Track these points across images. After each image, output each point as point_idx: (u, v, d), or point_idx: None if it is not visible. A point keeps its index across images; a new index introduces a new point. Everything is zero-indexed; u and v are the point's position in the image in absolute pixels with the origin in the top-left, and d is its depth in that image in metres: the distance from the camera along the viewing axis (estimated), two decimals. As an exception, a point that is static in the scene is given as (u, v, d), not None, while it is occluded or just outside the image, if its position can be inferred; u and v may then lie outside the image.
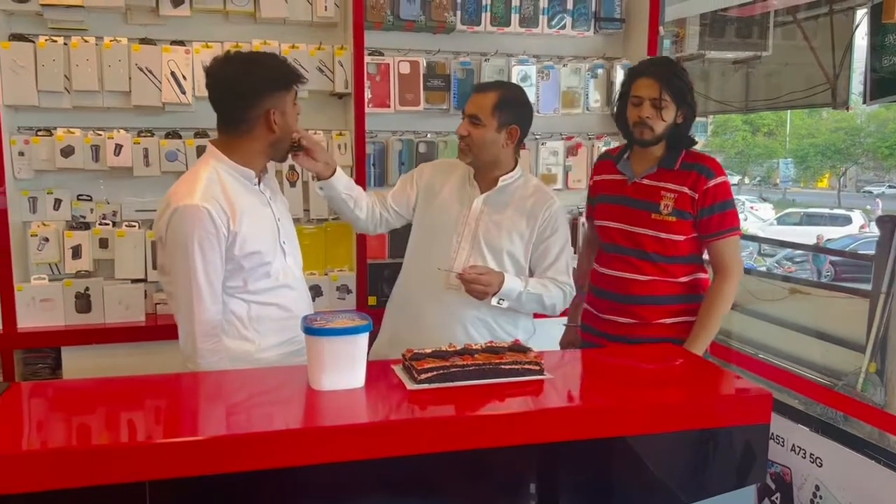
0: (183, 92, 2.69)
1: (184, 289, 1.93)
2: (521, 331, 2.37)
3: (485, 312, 2.31)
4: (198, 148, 2.71)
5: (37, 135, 2.65)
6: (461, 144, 2.31)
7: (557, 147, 3.18)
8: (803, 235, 14.38)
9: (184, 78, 2.68)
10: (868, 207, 18.12)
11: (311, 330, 1.66)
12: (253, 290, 2.02)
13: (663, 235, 2.33)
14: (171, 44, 2.70)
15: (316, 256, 2.89)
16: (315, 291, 2.81)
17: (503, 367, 1.74)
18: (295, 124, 2.08)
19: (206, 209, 1.90)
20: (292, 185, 2.86)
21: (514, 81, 2.94)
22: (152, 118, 2.76)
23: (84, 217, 2.73)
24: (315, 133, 2.79)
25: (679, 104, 2.31)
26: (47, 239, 2.67)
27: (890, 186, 24.87)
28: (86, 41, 2.62)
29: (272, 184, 2.18)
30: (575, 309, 2.63)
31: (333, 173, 2.23)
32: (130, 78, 2.65)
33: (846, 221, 16.72)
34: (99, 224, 2.73)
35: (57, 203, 2.70)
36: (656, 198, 2.34)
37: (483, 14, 2.99)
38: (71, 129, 2.66)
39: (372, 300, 2.92)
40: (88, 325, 2.67)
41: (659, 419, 1.70)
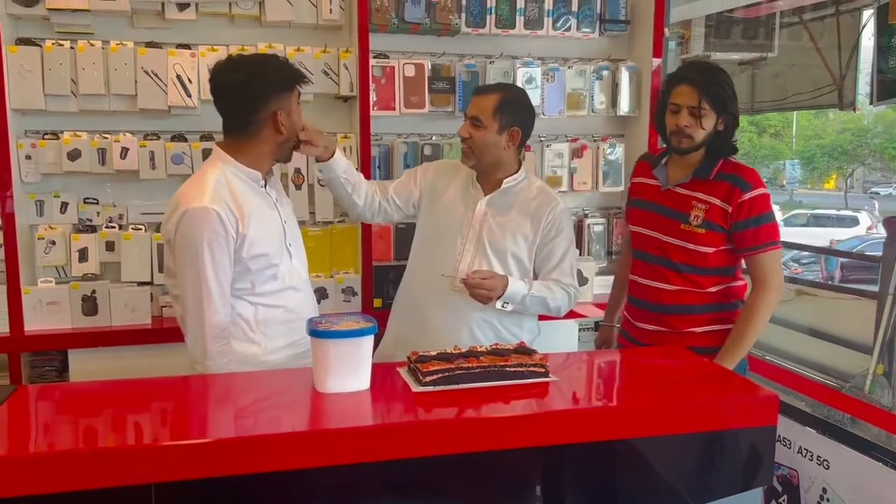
0: (189, 95, 2.70)
1: (193, 291, 1.93)
2: (527, 332, 2.37)
3: (490, 314, 2.31)
4: (203, 151, 2.71)
5: (44, 138, 2.66)
6: (463, 147, 2.31)
7: (563, 149, 3.17)
8: (810, 237, 14.29)
9: (189, 81, 2.69)
10: (866, 209, 17.98)
11: (317, 332, 1.66)
12: (260, 293, 2.02)
13: (691, 247, 2.25)
14: (177, 47, 2.71)
15: (321, 259, 2.89)
16: (321, 294, 2.81)
17: (508, 370, 1.74)
18: (300, 124, 2.10)
19: (216, 211, 1.90)
20: (298, 188, 2.87)
21: (519, 84, 2.94)
22: (158, 121, 2.77)
23: (90, 220, 2.74)
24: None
25: (719, 112, 2.20)
26: (54, 242, 2.68)
27: (897, 187, 24.71)
28: (92, 45, 2.63)
29: (278, 186, 2.19)
30: (612, 308, 2.62)
31: (332, 156, 2.23)
32: (136, 81, 2.66)
33: (853, 223, 16.59)
34: (105, 227, 2.73)
35: (64, 206, 2.71)
36: (687, 208, 2.26)
37: (488, 16, 2.98)
38: (77, 133, 2.67)
39: (377, 302, 2.92)
40: (95, 328, 2.67)
41: (665, 421, 1.70)
